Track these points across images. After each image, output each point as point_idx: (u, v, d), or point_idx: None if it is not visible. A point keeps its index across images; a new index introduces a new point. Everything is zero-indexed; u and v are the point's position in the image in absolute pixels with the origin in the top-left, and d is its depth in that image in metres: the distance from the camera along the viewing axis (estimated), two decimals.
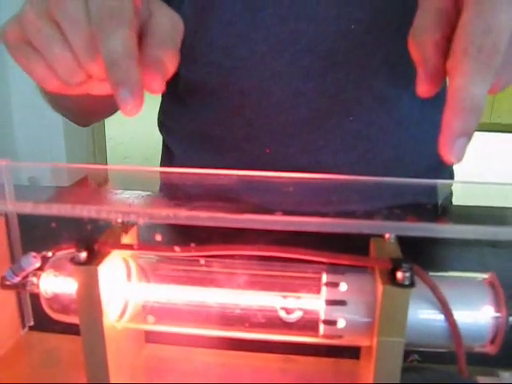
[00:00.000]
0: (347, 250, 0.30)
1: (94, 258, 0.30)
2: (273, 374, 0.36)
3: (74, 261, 0.29)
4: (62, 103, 0.58)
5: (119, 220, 0.33)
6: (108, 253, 0.30)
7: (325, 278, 0.31)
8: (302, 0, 0.55)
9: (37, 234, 0.38)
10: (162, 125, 0.75)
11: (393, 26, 0.57)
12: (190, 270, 0.33)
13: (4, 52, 0.36)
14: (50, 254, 0.32)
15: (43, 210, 0.29)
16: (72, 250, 0.32)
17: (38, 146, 3.15)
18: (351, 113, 0.60)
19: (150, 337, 0.39)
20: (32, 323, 0.41)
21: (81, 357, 0.38)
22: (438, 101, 0.69)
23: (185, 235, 0.34)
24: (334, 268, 0.32)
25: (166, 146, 0.76)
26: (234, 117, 0.62)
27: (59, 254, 0.32)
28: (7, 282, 0.33)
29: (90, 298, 0.30)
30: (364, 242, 0.33)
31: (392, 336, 0.29)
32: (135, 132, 4.82)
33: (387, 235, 0.33)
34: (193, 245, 0.30)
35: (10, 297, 0.38)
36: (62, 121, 3.09)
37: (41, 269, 0.33)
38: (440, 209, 0.65)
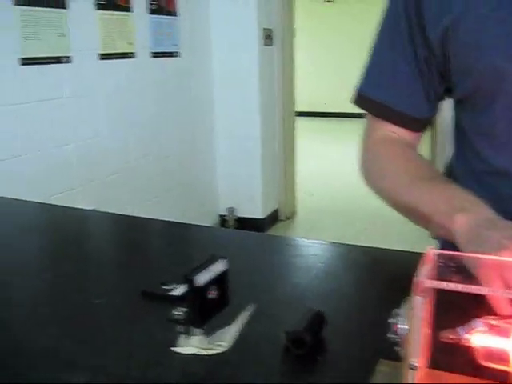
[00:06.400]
0: None
1: None
2: None
3: None
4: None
5: None
6: None
7: None
8: None
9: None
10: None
11: None
12: None
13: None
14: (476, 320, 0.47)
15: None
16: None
17: (236, 179, 3.50)
18: None
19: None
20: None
21: None
22: None
23: None
24: None
25: None
26: None
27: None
28: (453, 336, 0.48)
29: None
30: None
31: None
32: (319, 170, 4.96)
33: None
34: None
35: None
36: (261, 157, 3.41)
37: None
38: None
